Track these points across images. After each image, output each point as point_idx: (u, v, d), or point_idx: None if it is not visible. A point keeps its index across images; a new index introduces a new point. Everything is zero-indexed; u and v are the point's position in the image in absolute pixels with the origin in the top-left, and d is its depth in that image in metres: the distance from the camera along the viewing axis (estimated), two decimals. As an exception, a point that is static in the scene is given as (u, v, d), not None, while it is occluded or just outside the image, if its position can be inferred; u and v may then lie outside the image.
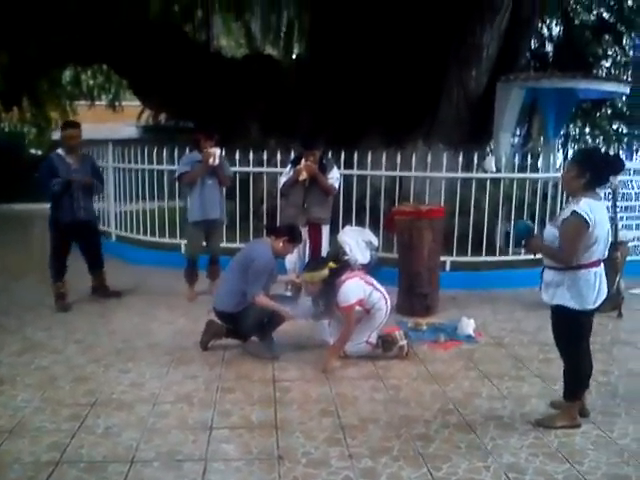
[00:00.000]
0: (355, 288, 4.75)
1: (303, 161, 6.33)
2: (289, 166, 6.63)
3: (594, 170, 3.53)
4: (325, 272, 4.75)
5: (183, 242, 7.76)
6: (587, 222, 3.43)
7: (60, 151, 6.22)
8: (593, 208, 3.48)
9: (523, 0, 9.08)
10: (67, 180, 6.05)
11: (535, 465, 3.31)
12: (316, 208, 6.46)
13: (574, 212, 3.46)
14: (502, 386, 4.43)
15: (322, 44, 10.10)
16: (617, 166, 3.66)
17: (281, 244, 5.07)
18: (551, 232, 3.65)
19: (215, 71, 10.84)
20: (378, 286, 4.94)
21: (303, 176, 6.30)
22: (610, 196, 6.49)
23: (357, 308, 4.74)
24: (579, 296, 3.55)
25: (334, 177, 6.53)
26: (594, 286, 3.56)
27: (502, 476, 3.20)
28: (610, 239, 3.68)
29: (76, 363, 4.76)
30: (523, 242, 3.79)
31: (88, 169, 6.36)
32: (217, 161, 6.43)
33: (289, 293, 6.06)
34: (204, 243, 6.80)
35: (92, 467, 3.24)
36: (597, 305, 3.63)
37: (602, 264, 3.63)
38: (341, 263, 5.11)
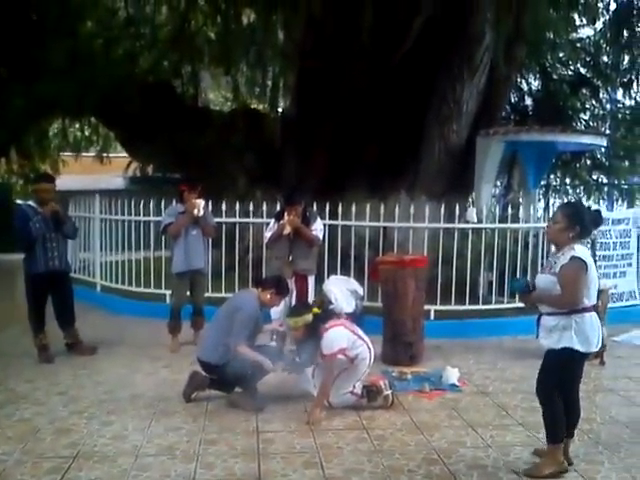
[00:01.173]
0: (339, 336, 4.77)
1: (286, 215, 6.45)
2: (273, 220, 6.76)
3: (583, 224, 3.74)
4: (309, 317, 4.79)
5: (168, 292, 7.77)
6: (586, 264, 3.64)
7: (32, 203, 6.21)
8: (585, 253, 3.72)
9: (501, 58, 9.38)
10: (44, 217, 6.03)
11: (519, 515, 3.31)
12: (301, 260, 6.55)
13: (573, 257, 3.64)
14: (486, 435, 4.44)
15: (307, 99, 10.33)
16: (599, 222, 3.97)
17: (268, 296, 5.14)
18: (548, 280, 3.76)
19: (203, 124, 11.02)
20: (362, 335, 4.96)
21: (287, 230, 6.42)
22: (589, 245, 6.62)
23: (341, 357, 4.75)
24: (586, 339, 3.69)
25: (318, 228, 6.65)
26: (596, 329, 3.74)
27: (486, 526, 3.19)
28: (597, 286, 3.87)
29: (58, 415, 4.72)
30: (521, 297, 4.00)
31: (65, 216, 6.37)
32: (201, 212, 6.55)
33: (274, 343, 6.06)
34: (188, 293, 6.83)
35: (72, 521, 3.20)
36: (599, 348, 3.85)
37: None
38: (326, 311, 5.15)
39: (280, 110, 12.83)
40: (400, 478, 3.72)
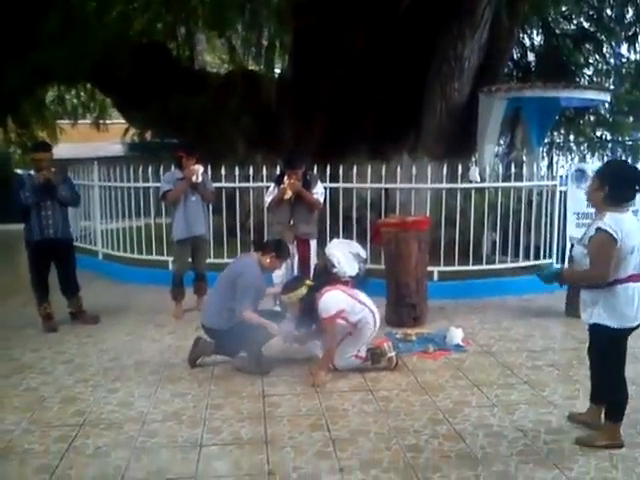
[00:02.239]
0: (335, 299, 4.75)
1: (287, 179, 6.37)
2: (273, 184, 6.68)
3: (613, 183, 3.45)
4: (303, 291, 4.76)
5: (170, 259, 7.76)
6: (613, 237, 3.35)
7: (32, 172, 6.15)
8: (618, 221, 3.39)
9: (502, 13, 9.17)
10: (33, 185, 5.96)
11: (525, 473, 3.32)
12: (303, 224, 6.50)
13: (598, 229, 3.40)
14: (491, 394, 4.45)
15: (304, 59, 10.15)
16: None
17: (269, 260, 5.10)
18: (579, 251, 3.60)
19: (199, 87, 10.87)
20: (364, 299, 4.93)
21: (288, 194, 6.35)
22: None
23: (342, 323, 4.73)
24: (617, 313, 3.45)
25: (319, 192, 6.58)
26: (632, 301, 3.45)
27: (492, 485, 3.21)
28: None
29: (65, 384, 4.74)
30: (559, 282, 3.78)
31: (60, 183, 6.19)
32: (200, 178, 6.49)
33: (278, 307, 6.06)
34: (190, 260, 6.81)
35: (81, 488, 3.22)
36: (638, 323, 3.52)
37: None
38: (319, 280, 5.11)
39: (277, 71, 12.64)
40: (406, 438, 3.74)
